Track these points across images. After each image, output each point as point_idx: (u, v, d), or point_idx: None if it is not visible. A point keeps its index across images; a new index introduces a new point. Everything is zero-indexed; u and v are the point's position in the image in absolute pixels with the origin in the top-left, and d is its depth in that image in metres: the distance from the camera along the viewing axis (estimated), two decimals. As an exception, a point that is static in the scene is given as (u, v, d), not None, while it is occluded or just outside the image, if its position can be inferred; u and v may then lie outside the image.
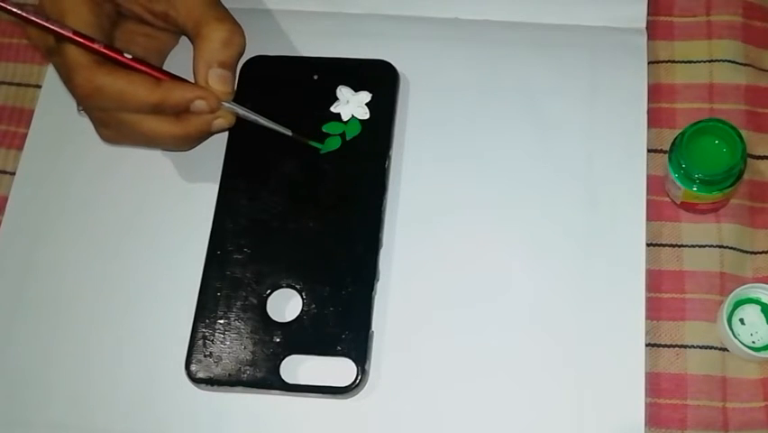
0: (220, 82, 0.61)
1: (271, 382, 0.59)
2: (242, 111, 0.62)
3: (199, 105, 0.60)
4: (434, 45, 0.67)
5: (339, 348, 0.59)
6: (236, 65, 0.62)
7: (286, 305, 0.61)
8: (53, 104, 0.68)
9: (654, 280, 0.62)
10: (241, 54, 0.63)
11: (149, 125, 0.60)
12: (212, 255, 0.62)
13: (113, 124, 0.60)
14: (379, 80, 0.65)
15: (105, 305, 0.63)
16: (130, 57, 0.59)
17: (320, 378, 0.59)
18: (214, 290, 0.61)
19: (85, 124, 0.67)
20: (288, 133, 0.63)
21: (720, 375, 0.60)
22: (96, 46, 0.58)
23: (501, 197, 0.63)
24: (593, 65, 0.66)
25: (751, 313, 0.60)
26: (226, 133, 0.65)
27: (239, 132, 0.65)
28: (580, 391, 0.58)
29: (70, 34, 0.58)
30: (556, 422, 0.58)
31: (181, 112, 0.60)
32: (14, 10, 0.57)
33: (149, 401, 0.60)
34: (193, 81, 0.61)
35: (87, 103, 0.59)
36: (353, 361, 0.59)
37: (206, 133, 0.63)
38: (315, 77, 0.66)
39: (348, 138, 0.64)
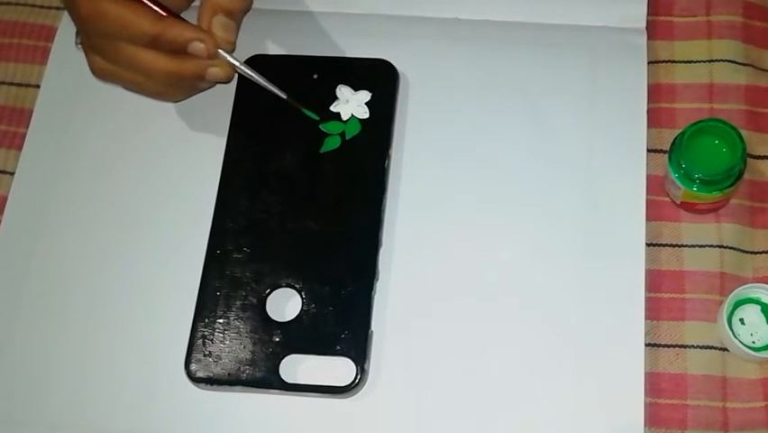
0: (223, 29, 0.61)
1: (271, 381, 0.59)
2: (238, 63, 0.62)
3: (197, 46, 0.60)
4: (434, 45, 0.67)
5: (338, 348, 0.59)
6: (241, 18, 0.63)
7: (285, 304, 0.61)
8: (53, 104, 0.68)
9: (654, 281, 0.62)
10: (247, 9, 0.64)
11: (145, 57, 0.60)
12: (211, 255, 0.62)
13: (109, 53, 0.60)
14: (379, 80, 0.65)
15: (104, 304, 0.63)
16: None
17: (319, 377, 0.59)
18: (214, 290, 0.61)
19: (84, 123, 0.67)
20: (283, 96, 0.64)
21: (720, 375, 0.60)
22: None
23: (501, 196, 0.63)
24: (593, 65, 0.66)
25: (751, 313, 0.60)
26: (226, 133, 0.65)
27: (238, 131, 0.65)
28: (579, 391, 0.58)
29: None
30: (556, 421, 0.58)
31: (179, 52, 0.60)
32: None
33: (148, 401, 0.60)
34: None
35: (88, 26, 0.60)
36: (353, 360, 0.59)
37: (200, 80, 0.63)
38: (315, 76, 0.66)
39: (348, 137, 0.64)
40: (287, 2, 0.69)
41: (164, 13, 0.61)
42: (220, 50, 0.62)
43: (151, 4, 0.60)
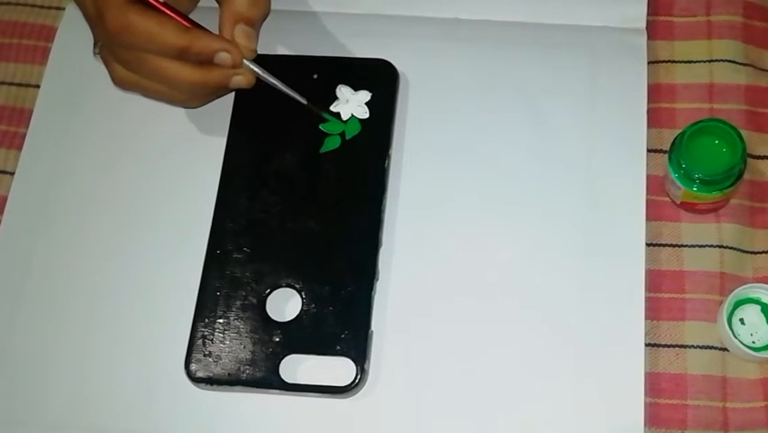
0: (245, 38, 0.62)
1: (271, 381, 0.59)
2: (261, 72, 0.63)
3: (223, 57, 0.61)
4: (434, 45, 0.67)
5: (338, 348, 0.59)
6: (260, 26, 0.64)
7: (285, 304, 0.61)
8: (53, 104, 0.68)
9: (654, 281, 0.62)
10: (266, 16, 0.64)
11: (170, 68, 0.60)
12: (211, 255, 0.62)
13: (134, 64, 0.61)
14: (379, 80, 0.65)
15: (104, 304, 0.63)
16: (162, 1, 0.61)
17: (319, 377, 0.59)
18: (214, 290, 0.61)
19: (84, 123, 0.67)
20: (304, 101, 0.64)
21: (720, 375, 0.60)
22: None
23: (501, 196, 0.63)
24: (593, 65, 0.66)
25: (751, 313, 0.60)
26: (226, 133, 0.65)
27: (238, 131, 0.65)
28: (579, 391, 0.58)
29: None
30: (556, 422, 0.58)
31: (204, 62, 0.61)
32: None
33: (148, 401, 0.60)
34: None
35: (115, 39, 0.60)
36: (353, 360, 0.59)
37: (224, 88, 0.63)
38: (315, 76, 0.66)
39: (348, 137, 0.64)
40: (287, 2, 0.69)
41: (188, 25, 0.61)
42: (249, 62, 0.62)
43: (177, 17, 0.61)
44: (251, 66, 0.62)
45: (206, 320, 0.60)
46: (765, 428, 0.58)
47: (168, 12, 0.61)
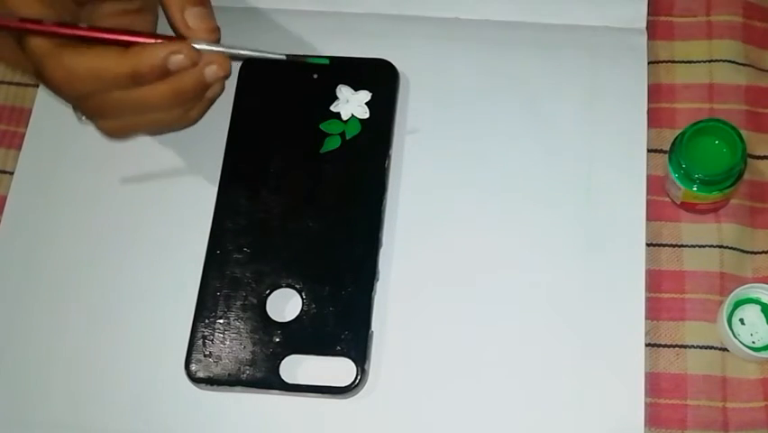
0: (200, 19, 0.56)
1: (271, 381, 0.59)
2: (223, 49, 0.56)
3: (176, 59, 0.55)
4: (434, 45, 0.67)
5: (339, 348, 0.59)
6: (209, 1, 0.58)
7: (285, 305, 0.61)
8: (52, 103, 0.68)
9: (654, 281, 0.62)
10: None
11: (141, 95, 0.55)
12: (211, 255, 0.62)
13: (108, 109, 0.56)
14: (379, 79, 0.65)
15: (104, 305, 0.63)
16: (86, 26, 0.55)
17: (320, 378, 0.59)
18: (214, 290, 0.61)
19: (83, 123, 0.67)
20: (282, 57, 0.59)
21: (720, 375, 0.60)
22: (45, 27, 0.53)
23: (501, 197, 0.63)
24: (593, 65, 0.66)
25: (751, 313, 0.60)
26: (226, 133, 0.65)
27: (238, 131, 0.65)
28: (579, 391, 0.58)
29: (16, 23, 0.53)
30: (556, 422, 0.58)
31: (165, 75, 0.55)
32: None
33: (149, 401, 0.60)
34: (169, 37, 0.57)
35: (66, 92, 0.55)
36: (353, 361, 0.59)
37: (203, 89, 0.58)
38: (315, 76, 0.66)
39: (348, 137, 0.64)
40: (287, 1, 0.69)
41: (127, 38, 0.55)
42: (204, 45, 0.56)
43: (109, 36, 0.55)
44: (209, 48, 0.56)
45: (206, 320, 0.60)
46: (765, 428, 0.58)
47: (99, 35, 0.55)
